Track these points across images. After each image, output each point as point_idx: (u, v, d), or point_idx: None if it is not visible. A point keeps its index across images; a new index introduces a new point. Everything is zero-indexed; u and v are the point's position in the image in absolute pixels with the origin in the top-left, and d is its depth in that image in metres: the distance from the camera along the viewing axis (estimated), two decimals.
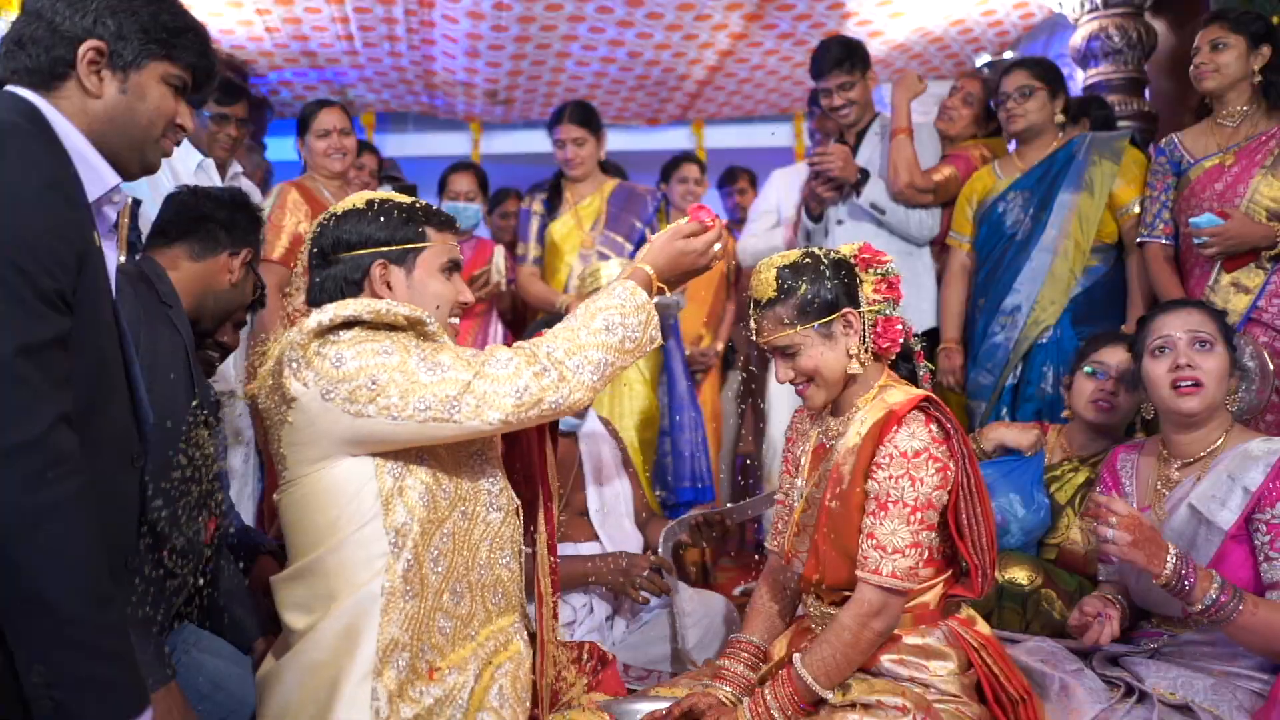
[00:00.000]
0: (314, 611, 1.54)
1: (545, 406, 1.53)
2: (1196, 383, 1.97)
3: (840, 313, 1.78)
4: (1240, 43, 2.73)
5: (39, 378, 1.15)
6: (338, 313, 1.50)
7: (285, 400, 1.51)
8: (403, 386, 1.48)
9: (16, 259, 1.14)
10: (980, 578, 1.73)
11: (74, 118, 1.32)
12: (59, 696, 1.14)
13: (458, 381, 1.49)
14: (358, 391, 1.47)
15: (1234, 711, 1.75)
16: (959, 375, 3.27)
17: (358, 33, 4.71)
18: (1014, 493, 2.43)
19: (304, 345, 1.50)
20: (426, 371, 1.49)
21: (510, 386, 1.50)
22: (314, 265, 1.68)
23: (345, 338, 1.51)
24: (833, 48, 3.47)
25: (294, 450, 1.55)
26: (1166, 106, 3.87)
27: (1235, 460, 1.94)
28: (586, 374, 1.55)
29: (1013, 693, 1.74)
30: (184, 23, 1.40)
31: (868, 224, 3.41)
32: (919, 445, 1.69)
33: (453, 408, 1.48)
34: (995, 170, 3.30)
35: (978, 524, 1.72)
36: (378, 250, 1.63)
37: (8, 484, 1.11)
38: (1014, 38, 4.84)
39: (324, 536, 1.54)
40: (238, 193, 2.22)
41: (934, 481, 1.69)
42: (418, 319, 1.55)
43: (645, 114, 6.04)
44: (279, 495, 1.61)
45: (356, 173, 3.83)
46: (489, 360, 1.53)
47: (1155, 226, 2.92)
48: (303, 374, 1.50)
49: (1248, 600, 1.74)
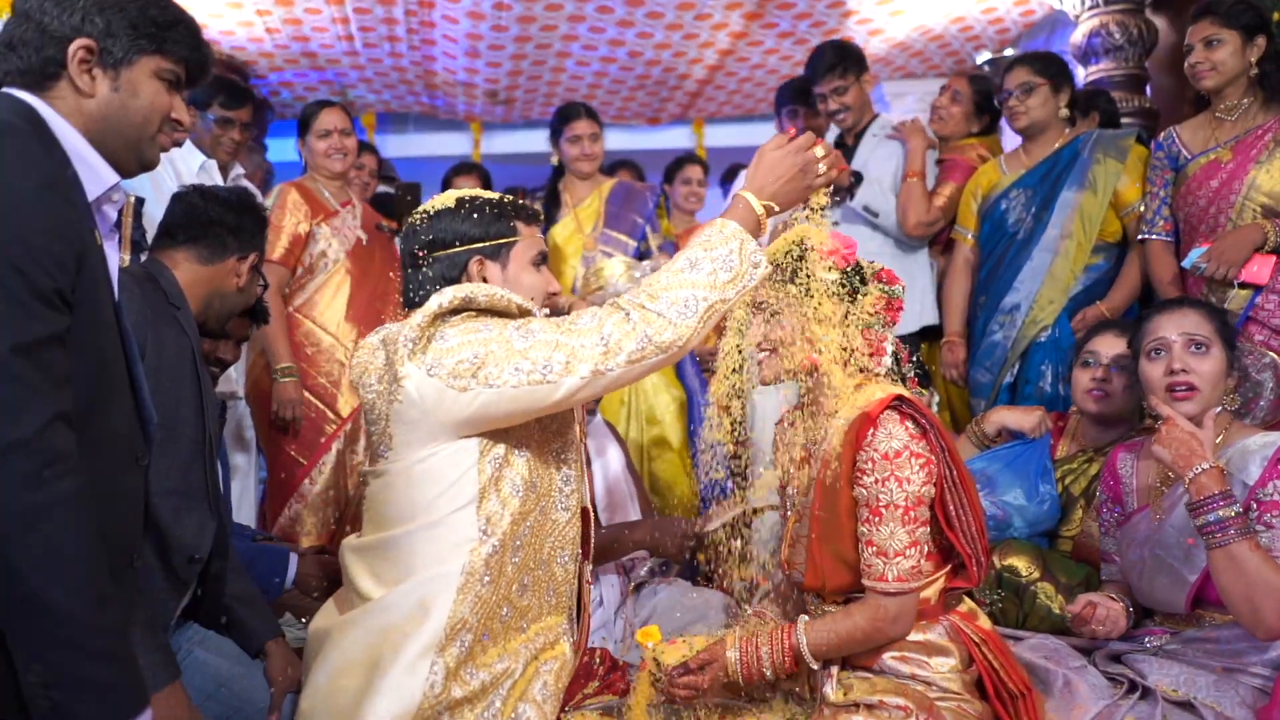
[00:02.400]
0: (387, 582, 1.60)
1: (634, 351, 1.52)
2: (1190, 387, 1.97)
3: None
4: (1235, 37, 2.70)
5: (36, 376, 1.14)
6: (456, 294, 1.57)
7: (396, 380, 1.56)
8: (499, 356, 1.52)
9: (13, 258, 1.14)
10: (975, 566, 1.74)
11: (69, 117, 1.32)
12: (57, 697, 1.14)
13: (548, 342, 1.53)
14: (460, 366, 1.53)
15: (1237, 707, 1.75)
16: (962, 369, 3.27)
17: (358, 33, 4.72)
18: (1018, 484, 2.42)
19: (422, 327, 1.55)
20: (520, 339, 1.54)
21: (595, 337, 1.52)
22: (409, 265, 1.70)
23: (454, 320, 1.58)
24: (827, 52, 3.49)
25: (401, 431, 1.59)
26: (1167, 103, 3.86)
27: (1234, 458, 1.93)
28: (674, 313, 1.52)
29: (1013, 688, 1.74)
30: (173, 16, 1.39)
31: (862, 225, 3.41)
32: (898, 445, 1.69)
33: (546, 368, 1.51)
34: (1001, 165, 3.29)
35: (966, 514, 1.73)
36: (473, 247, 1.68)
37: (4, 483, 1.11)
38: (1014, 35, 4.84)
39: (417, 514, 1.59)
40: (244, 194, 2.23)
41: (920, 478, 1.69)
42: (528, 310, 1.62)
43: (646, 113, 6.05)
44: (372, 471, 1.66)
45: (357, 173, 3.84)
46: (576, 318, 1.56)
47: (1156, 223, 2.91)
48: (416, 355, 1.55)
49: (1251, 539, 1.70)
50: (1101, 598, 2.01)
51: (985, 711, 1.73)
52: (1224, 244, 2.62)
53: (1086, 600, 1.98)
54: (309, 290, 3.36)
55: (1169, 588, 1.94)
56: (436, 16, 4.54)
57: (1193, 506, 1.74)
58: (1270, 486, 1.84)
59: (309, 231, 3.35)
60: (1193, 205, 2.78)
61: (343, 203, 3.47)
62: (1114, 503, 2.17)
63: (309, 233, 3.35)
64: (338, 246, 3.37)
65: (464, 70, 5.18)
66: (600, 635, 2.54)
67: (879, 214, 3.37)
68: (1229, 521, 1.70)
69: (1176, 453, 1.76)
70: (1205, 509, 1.72)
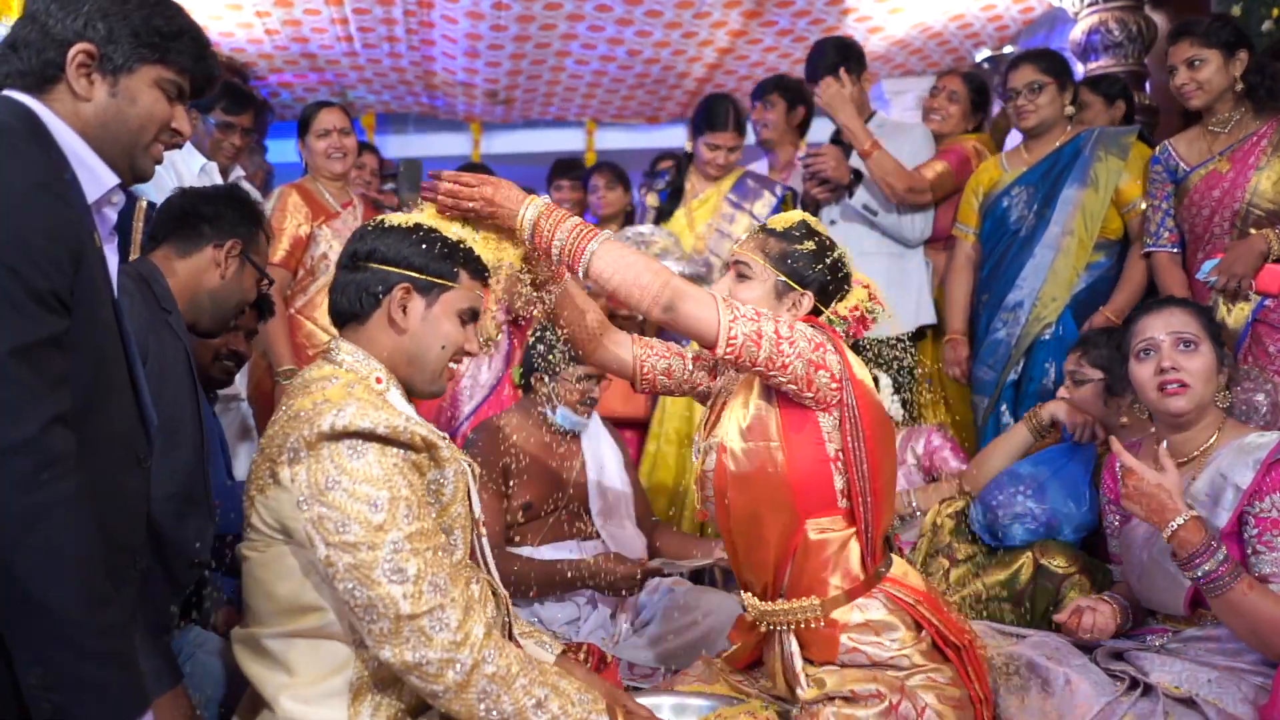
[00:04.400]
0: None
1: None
2: (1182, 384, 1.97)
3: (802, 291, 1.83)
4: (1215, 56, 2.72)
5: (33, 378, 1.15)
6: (354, 421, 1.43)
7: (274, 477, 1.49)
8: (358, 561, 1.40)
9: (9, 260, 1.15)
10: (862, 508, 1.74)
11: (68, 120, 1.32)
12: (57, 699, 1.14)
13: (398, 608, 1.40)
14: (325, 523, 1.42)
15: (1238, 704, 1.75)
16: (964, 366, 3.26)
17: (357, 34, 4.72)
18: (1066, 491, 2.42)
19: (310, 442, 1.44)
20: (390, 569, 1.40)
21: (440, 645, 1.41)
22: (345, 264, 1.66)
23: (361, 454, 1.44)
24: (826, 51, 3.45)
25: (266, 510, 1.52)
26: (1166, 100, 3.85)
27: (1228, 458, 1.94)
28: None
29: (955, 640, 1.76)
30: (178, 26, 1.38)
31: (860, 225, 3.40)
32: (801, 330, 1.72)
33: (374, 614, 1.40)
34: (1002, 163, 3.28)
35: (861, 454, 1.73)
36: (408, 273, 1.61)
37: (3, 485, 1.11)
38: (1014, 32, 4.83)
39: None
40: (232, 188, 2.19)
41: (803, 337, 1.69)
42: (433, 443, 1.52)
43: (645, 112, 6.04)
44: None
45: (358, 173, 3.84)
46: (439, 609, 1.42)
47: (1161, 236, 2.91)
48: (295, 466, 1.45)
49: (1244, 579, 1.73)
50: (1091, 602, 2.03)
51: (953, 674, 1.75)
52: (1231, 257, 2.61)
53: (1074, 607, 2.00)
54: (310, 292, 3.36)
55: (1168, 590, 1.94)
56: (436, 17, 4.54)
57: (1180, 562, 1.77)
58: (1269, 501, 1.84)
59: (310, 233, 3.36)
60: (1196, 216, 2.78)
61: (344, 204, 3.47)
62: (1115, 504, 2.17)
63: (310, 235, 3.36)
64: (339, 248, 3.36)
65: (463, 70, 5.18)
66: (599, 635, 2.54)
67: (877, 213, 3.37)
68: (1217, 573, 1.73)
69: (1148, 508, 1.78)
70: (1192, 564, 1.75)
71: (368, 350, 1.60)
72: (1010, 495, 2.43)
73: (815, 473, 1.75)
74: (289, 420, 1.49)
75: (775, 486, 1.75)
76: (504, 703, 1.43)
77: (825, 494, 1.76)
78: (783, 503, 1.76)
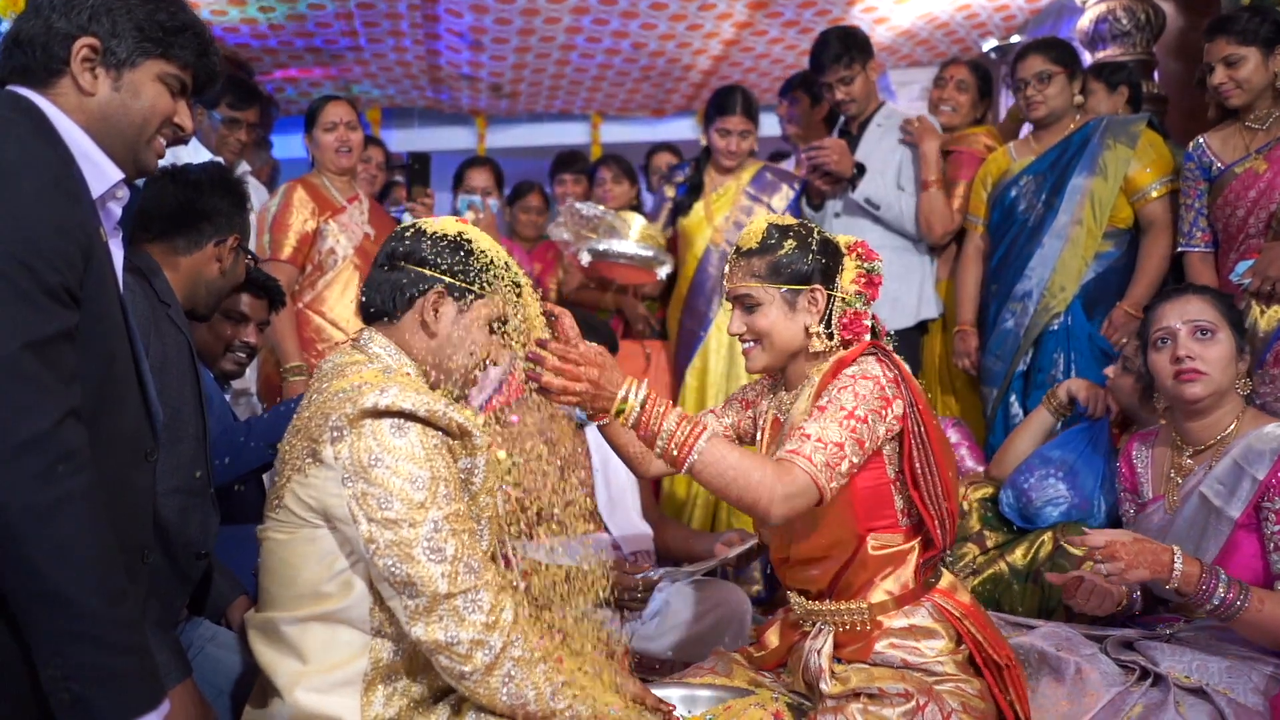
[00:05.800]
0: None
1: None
2: (1197, 371, 1.96)
3: (810, 287, 1.80)
4: (1255, 53, 2.65)
5: (46, 373, 1.15)
6: (396, 401, 1.45)
7: (315, 456, 1.49)
8: (399, 538, 1.42)
9: (21, 255, 1.15)
10: (939, 530, 1.74)
11: (71, 115, 1.32)
12: (76, 690, 1.16)
13: (436, 587, 1.42)
14: (368, 499, 1.44)
15: (1249, 693, 1.75)
16: (974, 357, 3.25)
17: (362, 28, 4.71)
18: (1094, 479, 2.42)
19: (353, 419, 1.46)
20: (429, 548, 1.43)
21: (472, 625, 1.43)
22: (382, 263, 1.66)
23: (404, 432, 1.46)
24: (831, 42, 3.44)
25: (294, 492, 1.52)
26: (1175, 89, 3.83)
27: (1245, 447, 1.93)
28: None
29: (998, 659, 1.75)
30: (182, 22, 1.39)
31: (863, 218, 3.39)
32: (868, 371, 1.71)
33: (412, 590, 1.42)
34: (1010, 152, 3.27)
35: (932, 475, 1.72)
36: (443, 277, 1.62)
37: (19, 480, 1.12)
38: (1021, 22, 4.81)
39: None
40: (218, 171, 2.15)
41: (874, 397, 1.68)
42: (468, 430, 1.54)
43: (650, 105, 6.03)
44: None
45: (364, 166, 3.83)
46: (473, 590, 1.44)
47: (1194, 235, 2.86)
48: (339, 445, 1.46)
49: (1254, 596, 1.75)
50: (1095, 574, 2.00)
51: (982, 688, 1.74)
52: (1266, 259, 2.55)
53: (1076, 574, 1.99)
54: (318, 287, 3.36)
55: None
56: (440, 10, 4.53)
57: (1192, 601, 1.78)
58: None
59: (316, 228, 3.35)
60: (1231, 216, 2.73)
61: (350, 198, 3.46)
62: (1131, 492, 2.16)
63: (317, 229, 3.35)
64: (346, 243, 3.36)
65: (468, 64, 5.18)
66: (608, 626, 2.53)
67: (880, 206, 3.36)
68: (1228, 598, 1.75)
69: (1150, 567, 1.76)
70: (1202, 599, 1.77)
71: (399, 348, 1.62)
72: (1041, 478, 2.44)
73: (877, 495, 1.76)
74: (328, 399, 1.50)
75: (839, 508, 1.75)
76: (525, 687, 1.46)
77: (887, 513, 1.77)
78: (845, 523, 1.77)
